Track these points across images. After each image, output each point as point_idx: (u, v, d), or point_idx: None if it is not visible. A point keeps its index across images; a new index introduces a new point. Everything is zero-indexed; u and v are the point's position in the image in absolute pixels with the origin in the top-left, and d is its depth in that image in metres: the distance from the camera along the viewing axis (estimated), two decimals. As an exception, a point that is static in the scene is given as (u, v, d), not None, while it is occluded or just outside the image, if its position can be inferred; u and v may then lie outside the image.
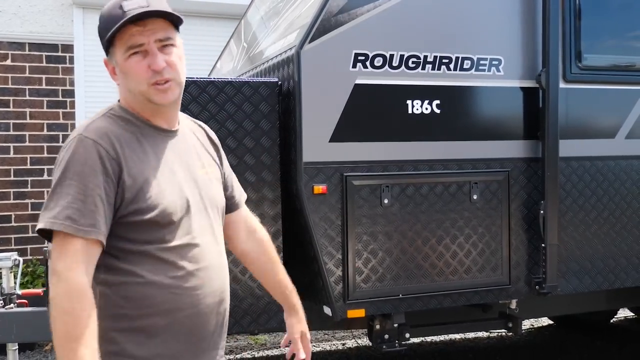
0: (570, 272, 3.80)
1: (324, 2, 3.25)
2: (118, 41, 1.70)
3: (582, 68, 3.78)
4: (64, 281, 1.54)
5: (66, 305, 1.53)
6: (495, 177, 3.62)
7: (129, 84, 1.73)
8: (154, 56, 1.70)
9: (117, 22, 1.67)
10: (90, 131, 1.67)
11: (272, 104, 3.32)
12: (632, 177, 3.96)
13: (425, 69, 3.44)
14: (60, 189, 1.61)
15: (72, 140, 1.67)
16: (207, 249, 1.79)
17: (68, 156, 1.64)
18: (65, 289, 1.54)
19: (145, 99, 1.73)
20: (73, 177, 1.61)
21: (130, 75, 1.71)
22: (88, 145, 1.64)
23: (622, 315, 6.35)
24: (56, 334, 1.53)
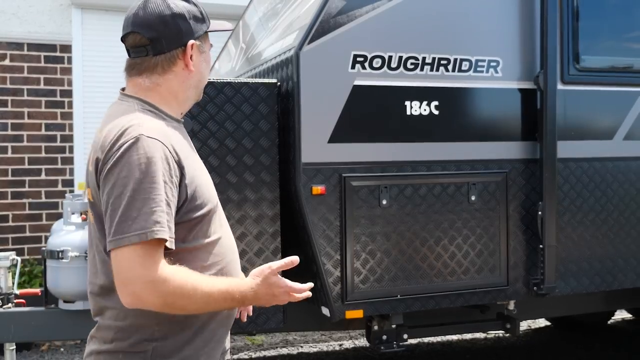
0: (568, 273, 3.81)
1: (323, 4, 3.25)
2: (207, 35, 1.83)
3: (579, 69, 3.79)
4: (167, 293, 1.55)
5: (183, 302, 1.59)
6: (493, 178, 3.62)
7: (204, 77, 1.83)
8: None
9: (207, 20, 1.81)
10: (149, 130, 1.60)
11: (271, 105, 3.33)
12: (630, 178, 3.96)
13: (423, 70, 3.45)
14: (140, 194, 1.53)
15: (132, 140, 1.57)
16: (231, 237, 1.89)
17: (136, 158, 1.55)
18: (173, 296, 1.56)
19: (200, 92, 1.85)
20: (149, 179, 1.54)
21: (209, 68, 1.85)
22: (154, 146, 1.58)
23: (620, 317, 6.36)
24: (208, 308, 1.66)
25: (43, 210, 6.88)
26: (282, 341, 5.76)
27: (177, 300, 1.56)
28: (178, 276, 1.56)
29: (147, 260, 1.52)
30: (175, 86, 1.76)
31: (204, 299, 1.59)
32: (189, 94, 1.81)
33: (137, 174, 1.53)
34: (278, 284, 1.75)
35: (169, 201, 1.57)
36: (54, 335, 4.06)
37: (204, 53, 1.81)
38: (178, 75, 1.76)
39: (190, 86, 1.79)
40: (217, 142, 3.23)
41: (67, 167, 7.00)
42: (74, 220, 3.96)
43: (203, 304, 1.61)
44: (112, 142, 1.59)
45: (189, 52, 1.75)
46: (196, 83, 1.81)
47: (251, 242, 3.31)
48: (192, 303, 1.59)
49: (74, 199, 4.20)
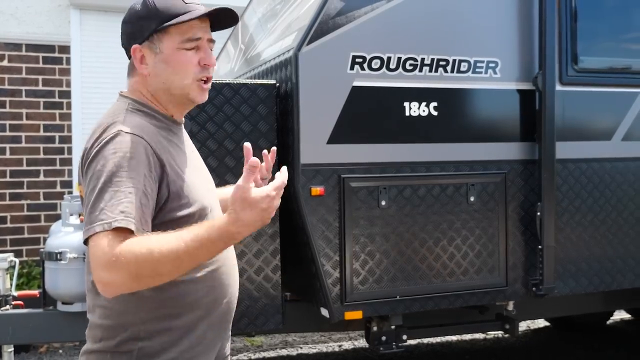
0: (567, 274, 3.81)
1: (321, 5, 3.25)
2: (174, 30, 1.67)
3: (578, 70, 3.79)
4: (129, 262, 1.45)
5: (149, 268, 1.47)
6: (492, 179, 3.62)
7: (171, 76, 1.69)
8: (208, 52, 1.71)
9: (181, 11, 1.66)
10: (129, 126, 1.60)
11: (270, 106, 3.33)
12: (628, 178, 3.97)
13: (422, 71, 3.45)
14: (110, 187, 1.51)
15: (111, 135, 1.58)
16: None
17: (112, 152, 1.55)
18: (137, 264, 1.46)
19: (183, 93, 1.70)
20: (122, 173, 1.53)
21: (178, 66, 1.68)
22: (132, 140, 1.57)
23: (619, 317, 6.36)
24: (174, 268, 1.50)
25: (41, 211, 6.88)
26: (281, 342, 5.76)
27: (142, 269, 1.45)
28: (132, 244, 1.46)
29: (108, 245, 1.47)
30: (144, 90, 1.73)
31: (171, 255, 1.46)
32: (162, 97, 1.72)
33: (110, 167, 1.53)
34: (258, 196, 1.50)
35: (146, 193, 1.54)
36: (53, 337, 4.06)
37: (160, 54, 1.68)
38: (141, 79, 1.73)
39: (156, 90, 1.72)
40: (216, 143, 3.23)
41: (65, 169, 6.99)
42: (72, 221, 3.96)
43: (174, 261, 1.47)
44: (94, 139, 1.61)
45: (137, 57, 1.70)
46: (160, 86, 1.71)
47: (250, 243, 3.30)
48: (161, 264, 1.46)
49: (72, 200, 4.19)
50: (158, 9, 1.67)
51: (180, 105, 1.75)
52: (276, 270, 3.37)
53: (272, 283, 3.36)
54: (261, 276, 3.34)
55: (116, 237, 1.47)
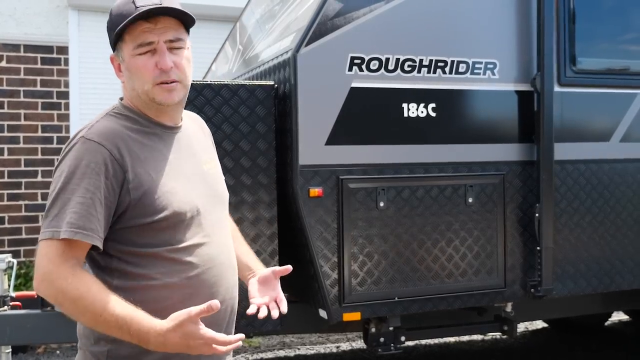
0: (565, 275, 3.81)
1: (320, 6, 3.25)
2: (127, 37, 1.68)
3: (576, 72, 3.79)
4: (59, 290, 1.55)
5: (69, 308, 1.56)
6: (490, 180, 3.62)
7: (134, 82, 1.70)
8: (163, 55, 1.67)
9: (128, 17, 1.64)
10: (93, 132, 1.63)
11: (268, 107, 3.32)
12: (626, 180, 3.97)
13: (420, 73, 3.45)
14: (63, 194, 1.58)
15: (75, 141, 1.64)
16: (219, 245, 1.79)
17: (71, 159, 1.61)
18: (63, 296, 1.55)
19: (148, 98, 1.70)
20: (75, 181, 1.58)
21: (136, 73, 1.69)
22: (91, 148, 1.61)
23: (617, 318, 6.36)
24: (89, 323, 1.59)
25: (39, 212, 6.86)
26: (279, 343, 5.76)
27: (65, 303, 1.55)
28: (77, 282, 1.54)
29: (55, 256, 1.56)
30: (126, 95, 1.77)
31: (91, 316, 1.54)
32: (138, 102, 1.73)
33: (66, 174, 1.59)
34: (195, 334, 1.51)
35: (100, 201, 1.58)
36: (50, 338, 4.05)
37: (124, 62, 1.71)
38: (123, 86, 1.77)
39: (132, 96, 1.74)
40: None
41: (63, 169, 6.98)
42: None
43: (90, 320, 1.56)
44: (66, 144, 1.68)
45: (114, 65, 1.75)
46: (131, 92, 1.73)
47: (249, 244, 3.29)
48: (79, 313, 1.56)
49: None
50: (112, 19, 1.71)
51: (154, 109, 1.74)
52: (274, 272, 3.36)
53: (271, 284, 3.35)
54: (259, 277, 3.33)
55: (65, 248, 1.56)
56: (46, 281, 1.55)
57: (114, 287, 1.62)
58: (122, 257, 1.65)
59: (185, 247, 1.69)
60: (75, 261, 1.58)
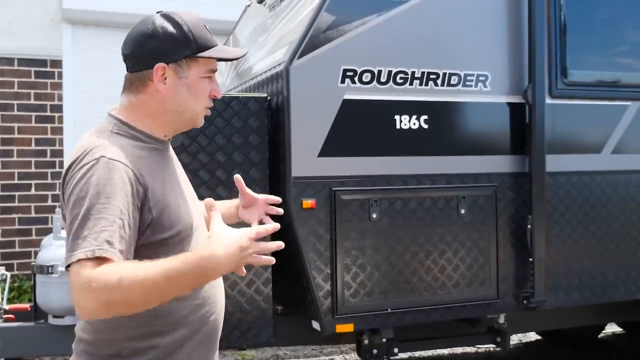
0: (558, 287, 3.82)
1: (312, 19, 3.28)
2: (203, 60, 1.72)
3: (567, 84, 3.82)
4: (101, 288, 1.43)
5: (118, 296, 1.44)
6: (482, 191, 3.64)
7: (189, 101, 1.72)
8: (217, 85, 1.78)
9: (211, 43, 1.72)
10: (112, 152, 1.59)
11: (261, 119, 3.34)
12: (618, 191, 3.99)
13: (413, 85, 3.47)
14: (92, 215, 1.50)
15: (93, 161, 1.57)
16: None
17: (96, 178, 1.54)
18: (107, 289, 1.44)
19: (192, 118, 1.76)
20: (103, 201, 1.51)
21: (198, 94, 1.73)
22: (114, 168, 1.56)
23: (610, 330, 6.36)
24: (149, 299, 1.49)
25: (33, 225, 6.86)
26: (272, 356, 5.73)
27: (111, 296, 1.43)
28: (104, 272, 1.44)
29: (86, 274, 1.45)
30: (150, 108, 1.71)
31: (140, 286, 1.44)
32: (169, 118, 1.73)
33: (94, 194, 1.52)
34: (237, 234, 1.55)
35: (129, 222, 1.54)
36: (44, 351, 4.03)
37: (185, 79, 1.69)
38: (152, 97, 1.70)
39: (167, 110, 1.71)
40: (207, 156, 3.24)
41: (57, 182, 6.98)
42: (63, 235, 3.94)
43: (143, 292, 1.45)
44: (76, 161, 1.59)
45: (159, 75, 1.68)
46: (176, 109, 1.71)
47: (241, 256, 3.30)
48: (130, 294, 1.44)
49: (63, 214, 4.18)
50: (195, 38, 1.70)
51: (181, 127, 1.79)
52: (267, 283, 3.37)
53: (264, 296, 3.36)
54: (252, 289, 3.34)
55: (96, 266, 1.46)
56: (82, 295, 1.44)
57: None
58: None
59: None
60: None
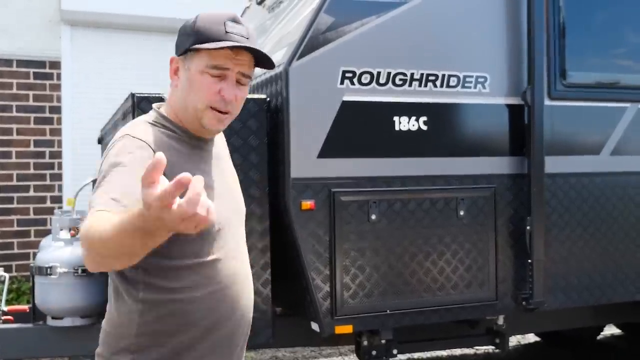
0: (556, 288, 3.82)
1: (312, 20, 3.28)
2: (205, 52, 1.67)
3: (566, 85, 3.82)
4: (85, 235, 1.41)
5: (88, 244, 1.41)
6: (481, 193, 3.64)
7: (189, 96, 1.70)
8: (231, 85, 1.69)
9: (216, 38, 1.66)
10: (138, 132, 1.65)
11: (261, 121, 3.34)
12: (617, 193, 3.99)
13: (412, 86, 3.47)
14: (111, 177, 1.54)
15: (120, 139, 1.65)
16: (240, 261, 1.81)
17: (118, 149, 1.61)
18: (82, 241, 1.43)
19: (196, 116, 1.71)
20: (121, 168, 1.54)
21: (198, 89, 1.69)
22: (138, 144, 1.61)
23: (609, 332, 6.36)
24: (114, 248, 1.37)
25: (31, 226, 6.85)
26: (271, 357, 5.73)
27: (84, 243, 1.42)
28: (86, 223, 1.43)
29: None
30: (172, 101, 1.77)
31: (100, 234, 1.36)
32: (184, 113, 1.73)
33: (111, 163, 1.57)
34: (154, 205, 1.22)
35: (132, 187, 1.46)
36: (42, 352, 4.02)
37: (188, 71, 1.70)
38: (172, 92, 1.77)
39: (180, 105, 1.73)
40: (206, 157, 3.23)
41: (55, 184, 6.98)
42: (62, 236, 3.94)
43: (103, 241, 1.36)
44: (110, 144, 1.67)
45: (172, 67, 1.75)
46: (182, 102, 1.72)
47: (240, 257, 3.29)
48: (93, 240, 1.38)
49: (62, 215, 4.18)
50: (197, 29, 1.68)
51: (195, 124, 1.73)
52: (266, 284, 3.37)
53: (263, 297, 3.36)
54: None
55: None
56: (81, 240, 1.44)
57: (140, 300, 1.64)
58: (149, 268, 1.62)
59: (212, 261, 1.69)
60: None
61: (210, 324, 1.69)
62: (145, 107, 3.08)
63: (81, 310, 3.77)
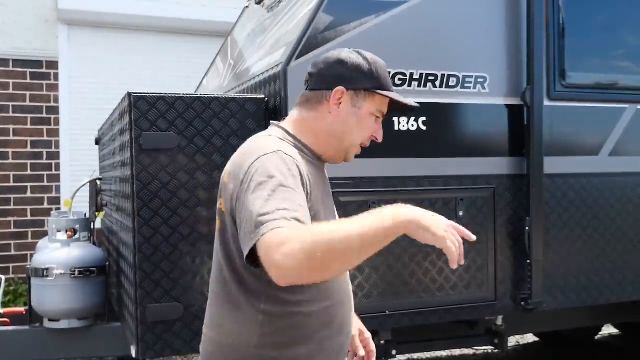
0: (555, 288, 3.81)
1: (310, 20, 3.27)
2: (379, 99, 1.83)
3: (566, 86, 3.81)
4: (301, 249, 1.41)
5: (312, 250, 1.41)
6: (481, 193, 3.63)
7: (352, 130, 1.82)
8: (381, 129, 1.89)
9: (389, 86, 1.85)
10: (287, 150, 1.69)
11: (259, 121, 3.32)
12: (615, 193, 3.99)
13: (411, 86, 3.46)
14: (275, 197, 1.52)
15: (268, 153, 1.64)
16: (346, 278, 1.91)
17: (273, 163, 1.61)
18: (306, 249, 1.41)
19: (347, 147, 1.85)
20: (285, 189, 1.55)
21: (361, 127, 1.83)
22: (290, 162, 1.65)
23: (607, 332, 6.36)
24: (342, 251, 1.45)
25: (28, 228, 6.82)
26: None
27: (313, 249, 1.41)
28: (294, 232, 1.44)
29: (281, 235, 1.45)
30: (318, 126, 1.82)
31: (342, 237, 1.43)
32: (331, 141, 1.82)
33: (278, 177, 1.57)
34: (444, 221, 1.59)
35: (304, 207, 1.58)
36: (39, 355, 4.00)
37: (357, 109, 1.80)
38: (322, 117, 1.81)
39: (331, 133, 1.81)
40: (204, 157, 3.21)
41: (53, 185, 6.95)
42: (59, 237, 3.92)
43: (344, 242, 1.43)
44: (253, 156, 1.65)
45: (336, 97, 1.79)
46: (339, 133, 1.81)
47: (239, 258, 3.28)
48: (332, 244, 1.42)
49: (59, 216, 4.16)
50: (379, 75, 1.83)
51: (336, 155, 1.86)
52: (265, 286, 3.34)
53: (261, 298, 3.34)
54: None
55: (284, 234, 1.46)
56: (288, 256, 1.41)
57: (261, 311, 1.68)
58: (274, 283, 1.58)
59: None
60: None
61: (325, 339, 1.75)
62: (142, 107, 3.07)
63: (78, 312, 3.75)
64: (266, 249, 1.43)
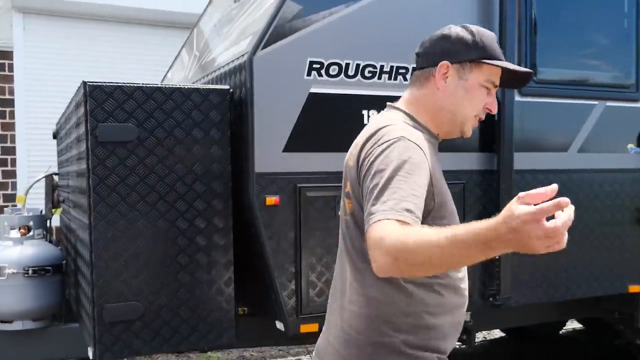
0: (523, 284, 3.81)
1: (277, 8, 3.16)
2: (487, 68, 1.79)
3: (537, 82, 3.79)
4: (384, 247, 1.46)
5: (399, 254, 1.45)
6: (450, 188, 3.55)
7: (462, 103, 1.80)
8: (495, 100, 1.85)
9: (498, 55, 1.80)
10: (410, 135, 1.69)
11: (223, 112, 3.21)
12: (583, 190, 3.99)
13: (381, 79, 3.38)
14: (394, 183, 1.56)
15: (394, 139, 1.66)
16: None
17: (397, 151, 1.62)
18: (388, 253, 1.46)
19: (462, 122, 1.83)
20: (403, 174, 1.58)
21: (472, 99, 1.80)
22: (415, 148, 1.65)
23: (571, 327, 6.43)
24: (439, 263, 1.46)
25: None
26: (238, 358, 5.61)
27: (400, 253, 1.44)
28: (396, 230, 1.47)
29: (383, 231, 1.50)
30: (429, 103, 1.82)
31: (426, 247, 1.42)
32: (443, 116, 1.82)
33: (395, 167, 1.59)
34: (527, 216, 1.29)
35: (421, 198, 1.59)
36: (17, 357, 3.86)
37: (464, 81, 1.79)
38: (431, 93, 1.82)
39: (441, 107, 1.81)
40: (165, 150, 3.09)
41: (9, 181, 6.72)
42: (12, 235, 3.76)
43: (428, 253, 1.42)
44: (375, 140, 1.69)
45: (441, 72, 1.79)
46: (450, 107, 1.81)
47: (201, 255, 3.17)
48: (415, 253, 1.43)
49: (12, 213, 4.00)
50: (485, 45, 1.80)
51: (452, 129, 1.85)
52: (229, 283, 3.24)
53: (225, 296, 3.23)
54: (214, 289, 3.21)
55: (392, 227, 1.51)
56: (378, 246, 1.47)
57: (410, 281, 1.72)
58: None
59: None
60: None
61: (456, 309, 1.82)
62: (98, 96, 2.93)
63: (32, 312, 3.61)
64: (369, 239, 1.52)
